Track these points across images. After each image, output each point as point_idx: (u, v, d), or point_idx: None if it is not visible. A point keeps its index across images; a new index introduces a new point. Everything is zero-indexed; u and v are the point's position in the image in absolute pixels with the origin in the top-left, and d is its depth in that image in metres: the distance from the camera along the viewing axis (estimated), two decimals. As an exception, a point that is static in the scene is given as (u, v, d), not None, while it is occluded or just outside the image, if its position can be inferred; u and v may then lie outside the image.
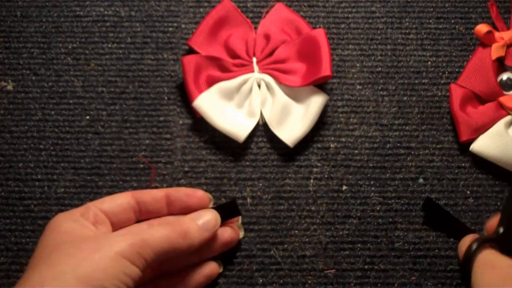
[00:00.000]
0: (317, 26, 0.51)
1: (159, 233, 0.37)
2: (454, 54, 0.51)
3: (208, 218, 0.41)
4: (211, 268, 0.44)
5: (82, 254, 0.34)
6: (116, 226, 0.40)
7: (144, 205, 0.41)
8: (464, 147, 0.48)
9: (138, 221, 0.42)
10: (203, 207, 0.42)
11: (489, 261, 0.39)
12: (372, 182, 0.47)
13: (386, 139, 0.49)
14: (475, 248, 0.40)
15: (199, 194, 0.42)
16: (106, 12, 0.51)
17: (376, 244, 0.46)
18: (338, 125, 0.49)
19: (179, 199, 0.42)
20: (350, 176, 0.48)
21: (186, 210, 0.42)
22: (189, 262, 0.43)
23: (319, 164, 0.48)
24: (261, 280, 0.45)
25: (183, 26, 0.51)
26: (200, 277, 0.43)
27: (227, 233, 0.43)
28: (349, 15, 0.52)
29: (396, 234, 0.46)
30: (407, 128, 0.49)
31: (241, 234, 0.45)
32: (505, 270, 0.37)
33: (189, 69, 0.48)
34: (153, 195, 0.42)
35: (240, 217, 0.45)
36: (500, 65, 0.49)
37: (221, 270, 0.45)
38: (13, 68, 0.50)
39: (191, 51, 0.50)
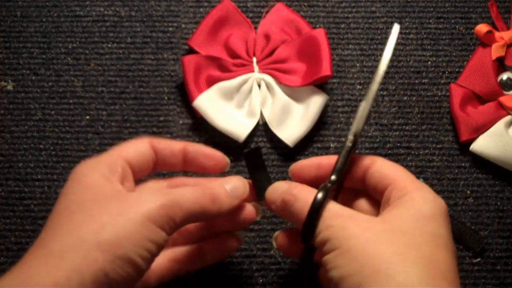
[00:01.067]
0: (317, 26, 0.51)
1: (190, 194, 0.34)
2: (454, 54, 0.51)
3: (236, 184, 0.37)
4: (229, 241, 0.40)
5: (105, 218, 0.30)
6: (137, 175, 0.37)
7: (161, 157, 0.38)
8: (464, 147, 0.48)
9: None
10: (220, 171, 0.39)
11: (345, 213, 0.32)
12: (372, 182, 0.47)
13: (386, 139, 0.49)
14: (321, 197, 0.32)
15: (217, 157, 0.39)
16: (106, 12, 0.51)
17: (376, 244, 0.46)
18: (338, 125, 0.49)
19: (196, 158, 0.38)
20: (350, 176, 0.48)
21: (201, 170, 0.39)
22: (204, 235, 0.41)
23: (319, 164, 0.48)
24: (261, 280, 0.45)
25: (183, 26, 0.51)
26: (217, 249, 0.40)
27: (247, 209, 0.39)
28: (349, 15, 0.52)
29: (396, 234, 0.46)
30: (407, 128, 0.49)
31: (259, 216, 0.40)
32: (365, 223, 0.31)
33: (189, 69, 0.48)
34: (171, 147, 0.38)
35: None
36: (500, 65, 0.49)
37: (241, 243, 0.41)
38: (13, 68, 0.50)
39: (191, 51, 0.50)
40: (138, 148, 0.37)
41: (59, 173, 0.47)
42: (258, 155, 0.39)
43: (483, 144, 0.47)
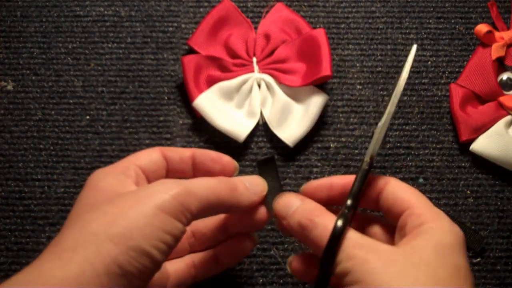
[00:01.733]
0: (317, 26, 0.51)
1: (205, 182, 0.33)
2: (454, 54, 0.51)
3: (256, 181, 0.37)
4: (244, 242, 0.40)
5: (116, 210, 0.30)
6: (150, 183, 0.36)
7: (171, 164, 0.38)
8: (464, 147, 0.48)
9: None
10: (228, 175, 0.38)
11: (366, 244, 0.31)
12: (372, 182, 0.47)
13: (386, 139, 0.49)
14: (342, 225, 0.31)
15: (224, 161, 0.38)
16: (106, 12, 0.51)
17: (376, 244, 0.46)
18: (338, 125, 0.49)
19: (203, 163, 0.38)
20: (350, 176, 0.48)
21: (209, 175, 0.38)
22: (220, 238, 0.40)
23: (319, 164, 0.48)
24: (261, 280, 0.45)
25: (183, 26, 0.51)
26: (233, 252, 0.40)
27: (261, 208, 0.38)
28: (349, 15, 0.52)
29: (396, 234, 0.46)
30: (407, 128, 0.49)
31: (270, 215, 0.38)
32: (387, 256, 0.30)
33: (189, 69, 0.48)
34: (180, 154, 0.38)
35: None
36: (500, 65, 0.49)
37: (257, 244, 0.41)
38: (13, 68, 0.50)
39: (191, 51, 0.50)
40: (149, 156, 0.37)
41: (59, 173, 0.47)
42: (272, 164, 0.38)
43: (483, 144, 0.47)
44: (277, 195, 0.37)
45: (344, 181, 0.36)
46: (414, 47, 0.35)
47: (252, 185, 0.36)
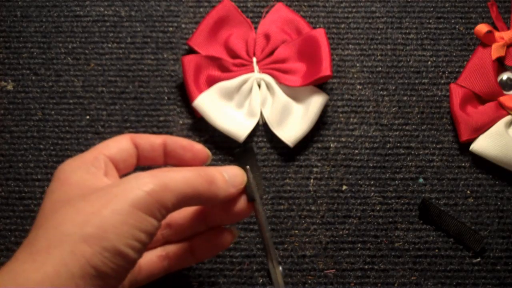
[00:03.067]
0: (317, 26, 0.51)
1: (181, 175, 0.32)
2: (454, 54, 0.51)
3: (235, 172, 0.36)
4: (223, 235, 0.39)
5: (91, 209, 0.29)
6: (121, 171, 0.36)
7: (142, 151, 0.37)
8: (464, 147, 0.48)
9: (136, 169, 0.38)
10: (200, 164, 0.38)
11: None
12: (372, 182, 0.47)
13: (386, 139, 0.49)
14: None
15: (195, 149, 0.37)
16: (106, 12, 0.51)
17: (376, 244, 0.46)
18: (338, 125, 0.49)
19: (175, 150, 0.37)
20: (350, 176, 0.48)
21: (181, 163, 0.38)
22: (197, 230, 0.40)
23: (319, 164, 0.48)
24: (261, 280, 0.45)
25: (183, 26, 0.51)
26: (210, 245, 0.39)
27: (242, 200, 0.37)
28: (349, 15, 0.52)
29: (396, 234, 0.46)
30: (407, 128, 0.49)
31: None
32: None
33: (189, 69, 0.48)
34: (151, 142, 0.37)
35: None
36: (500, 65, 0.49)
37: (236, 238, 0.40)
38: (13, 68, 0.50)
39: (191, 51, 0.50)
40: (119, 144, 0.36)
41: (59, 173, 0.47)
42: (251, 154, 0.38)
43: (483, 144, 0.47)
44: (258, 185, 0.36)
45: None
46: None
47: (231, 177, 0.35)
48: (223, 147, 0.48)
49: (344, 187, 0.47)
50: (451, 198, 0.47)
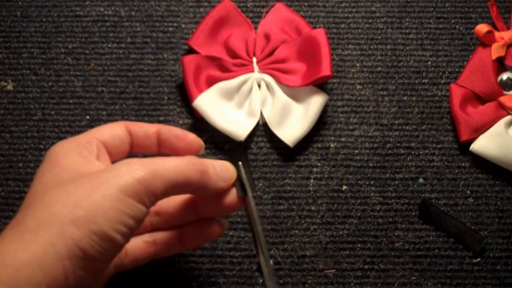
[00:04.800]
0: (317, 26, 0.51)
1: (173, 163, 0.32)
2: (454, 54, 0.51)
3: (226, 167, 0.36)
4: (212, 227, 0.39)
5: (81, 193, 0.30)
6: (113, 157, 0.36)
7: (136, 139, 0.38)
8: (464, 147, 0.48)
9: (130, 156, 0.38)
10: (193, 154, 0.38)
11: None
12: (372, 182, 0.47)
13: (386, 139, 0.49)
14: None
15: (189, 138, 0.38)
16: (106, 12, 0.51)
17: (376, 244, 0.46)
18: (338, 125, 0.49)
19: (168, 139, 0.38)
20: (350, 176, 0.48)
21: (174, 152, 0.38)
22: (186, 219, 0.40)
23: (319, 164, 0.48)
24: (261, 280, 0.45)
25: (183, 26, 0.51)
26: (198, 235, 0.40)
27: (232, 193, 0.38)
28: (349, 15, 0.52)
29: (396, 234, 0.46)
30: (407, 128, 0.49)
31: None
32: None
33: (189, 69, 0.48)
34: (145, 130, 0.38)
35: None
36: (500, 65, 0.49)
37: (225, 230, 0.40)
38: (13, 68, 0.50)
39: (191, 51, 0.50)
40: (113, 130, 0.36)
41: (59, 173, 0.47)
42: (240, 150, 0.38)
43: (483, 144, 0.47)
44: (249, 180, 0.37)
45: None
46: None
47: (222, 171, 0.36)
48: (223, 147, 0.48)
49: (344, 187, 0.47)
50: (451, 198, 0.47)
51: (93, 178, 0.31)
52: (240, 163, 0.37)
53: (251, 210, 0.37)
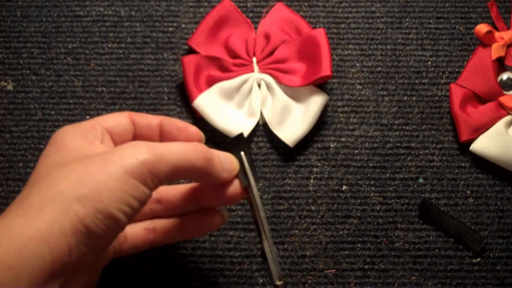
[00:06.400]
0: (317, 26, 0.51)
1: (178, 148, 0.33)
2: (454, 54, 0.51)
3: (230, 159, 0.37)
4: (213, 217, 0.40)
5: (87, 171, 0.30)
6: (116, 145, 0.37)
7: (139, 129, 0.38)
8: (464, 147, 0.48)
9: None
10: None
11: None
12: (372, 182, 0.47)
13: (386, 139, 0.49)
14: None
15: (190, 131, 0.38)
16: (106, 12, 0.51)
17: (376, 244, 0.46)
18: (338, 125, 0.49)
19: (170, 131, 0.38)
20: (350, 176, 0.48)
21: None
22: (187, 208, 0.40)
23: (319, 164, 0.48)
24: (261, 280, 0.45)
25: (183, 26, 0.51)
26: (199, 224, 0.40)
27: (235, 183, 0.38)
28: (349, 15, 0.52)
29: (396, 234, 0.46)
30: (407, 128, 0.49)
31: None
32: None
33: (189, 69, 0.48)
34: (149, 121, 0.38)
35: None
36: (500, 65, 0.49)
37: (226, 221, 0.41)
38: (13, 68, 0.50)
39: (191, 51, 0.50)
40: (117, 119, 0.37)
41: (59, 173, 0.47)
42: (242, 141, 0.38)
43: (483, 144, 0.47)
44: (252, 170, 0.38)
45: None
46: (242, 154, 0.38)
47: (226, 162, 0.36)
48: (223, 147, 0.48)
49: (344, 187, 0.47)
50: (451, 198, 0.47)
51: (98, 158, 0.31)
52: (242, 153, 0.38)
53: (254, 197, 0.37)
